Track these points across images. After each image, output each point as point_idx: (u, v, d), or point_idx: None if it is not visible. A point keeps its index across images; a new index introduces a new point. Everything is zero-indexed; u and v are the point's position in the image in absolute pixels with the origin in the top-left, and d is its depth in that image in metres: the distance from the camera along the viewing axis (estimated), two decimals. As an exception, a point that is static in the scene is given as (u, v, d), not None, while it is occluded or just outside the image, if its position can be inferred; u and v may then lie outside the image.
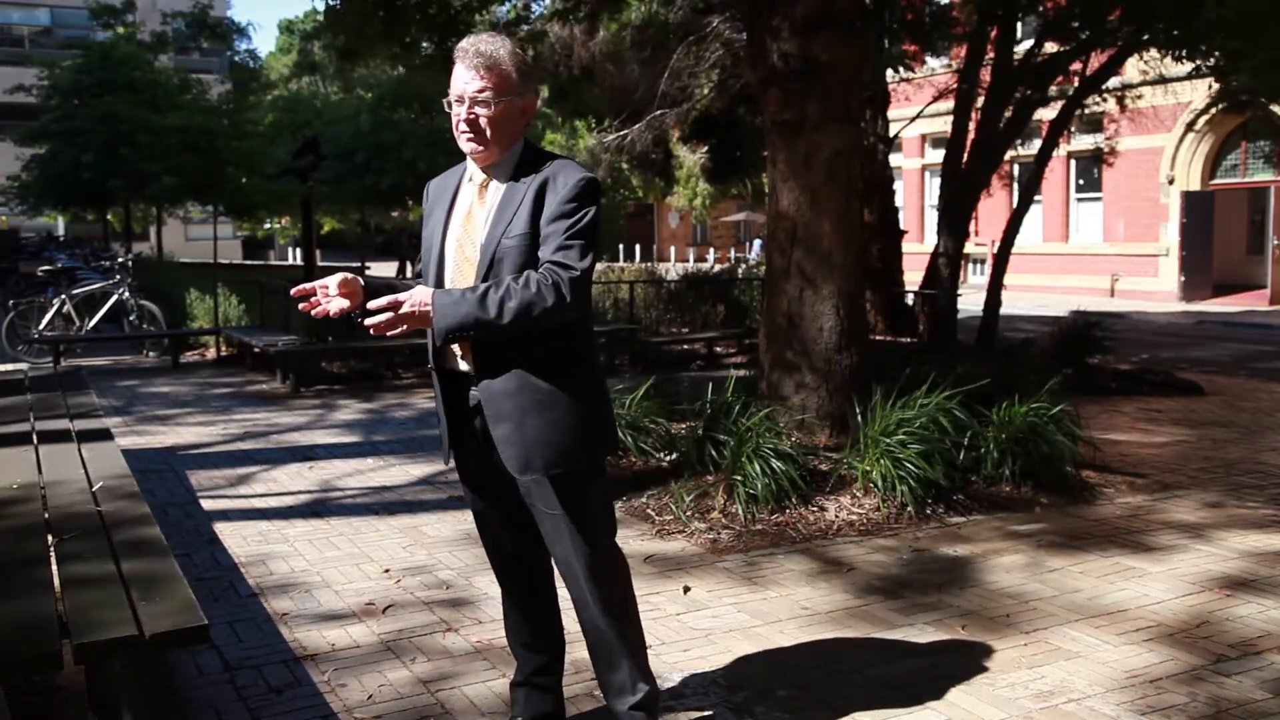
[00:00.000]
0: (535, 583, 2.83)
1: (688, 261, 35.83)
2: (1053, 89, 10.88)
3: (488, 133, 2.50)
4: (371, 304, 2.37)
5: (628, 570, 2.77)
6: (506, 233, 2.48)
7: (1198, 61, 9.76)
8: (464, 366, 2.57)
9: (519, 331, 2.40)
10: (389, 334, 2.38)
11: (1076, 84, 10.71)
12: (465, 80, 2.49)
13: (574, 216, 2.45)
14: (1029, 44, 10.89)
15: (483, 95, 2.47)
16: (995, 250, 12.08)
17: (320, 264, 25.66)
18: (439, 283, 2.58)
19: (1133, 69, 11.54)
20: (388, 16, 8.52)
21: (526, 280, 2.38)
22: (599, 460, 2.66)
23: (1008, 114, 10.52)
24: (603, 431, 2.65)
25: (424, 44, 9.49)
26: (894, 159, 16.12)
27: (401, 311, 2.36)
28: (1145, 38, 9.48)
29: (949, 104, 11.80)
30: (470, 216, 2.58)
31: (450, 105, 2.53)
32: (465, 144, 2.54)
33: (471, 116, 2.49)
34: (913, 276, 13.17)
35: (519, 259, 2.46)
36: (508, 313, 2.35)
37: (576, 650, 3.18)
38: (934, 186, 17.39)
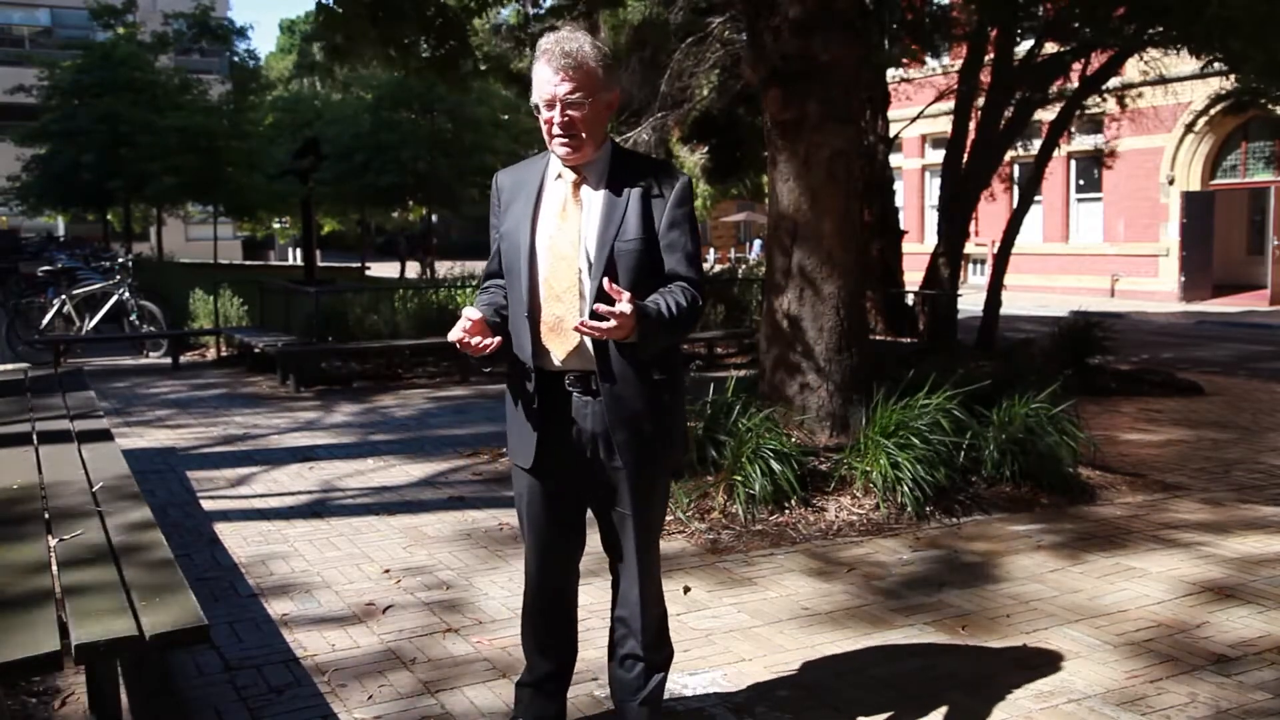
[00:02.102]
0: (566, 588, 2.82)
1: (688, 262, 35.76)
2: (1053, 89, 10.88)
3: (583, 134, 2.47)
4: (598, 308, 2.30)
5: (660, 570, 2.82)
6: (620, 235, 2.48)
7: (1202, 60, 9.76)
8: (557, 364, 2.54)
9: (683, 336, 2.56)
10: (600, 334, 2.32)
11: (1076, 84, 10.71)
12: (554, 83, 2.44)
13: (688, 224, 2.55)
14: (1029, 44, 10.90)
15: (574, 97, 2.43)
16: (995, 250, 12.08)
17: (320, 264, 25.72)
18: (531, 280, 2.53)
19: (1133, 69, 11.53)
20: (384, 17, 8.49)
21: (684, 296, 2.47)
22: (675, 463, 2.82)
23: (1008, 114, 10.52)
24: (685, 431, 2.80)
25: (422, 46, 9.46)
26: (894, 159, 16.12)
27: (624, 320, 2.29)
28: (1147, 37, 9.47)
29: (949, 104, 11.80)
30: (565, 214, 2.53)
31: (539, 109, 2.49)
32: (559, 147, 2.49)
33: (566, 119, 2.45)
34: (913, 276, 13.18)
35: (634, 262, 2.48)
36: (682, 326, 2.45)
37: (578, 650, 3.18)
38: (934, 186, 17.39)
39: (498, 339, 2.48)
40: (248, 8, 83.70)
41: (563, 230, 2.52)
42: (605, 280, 2.39)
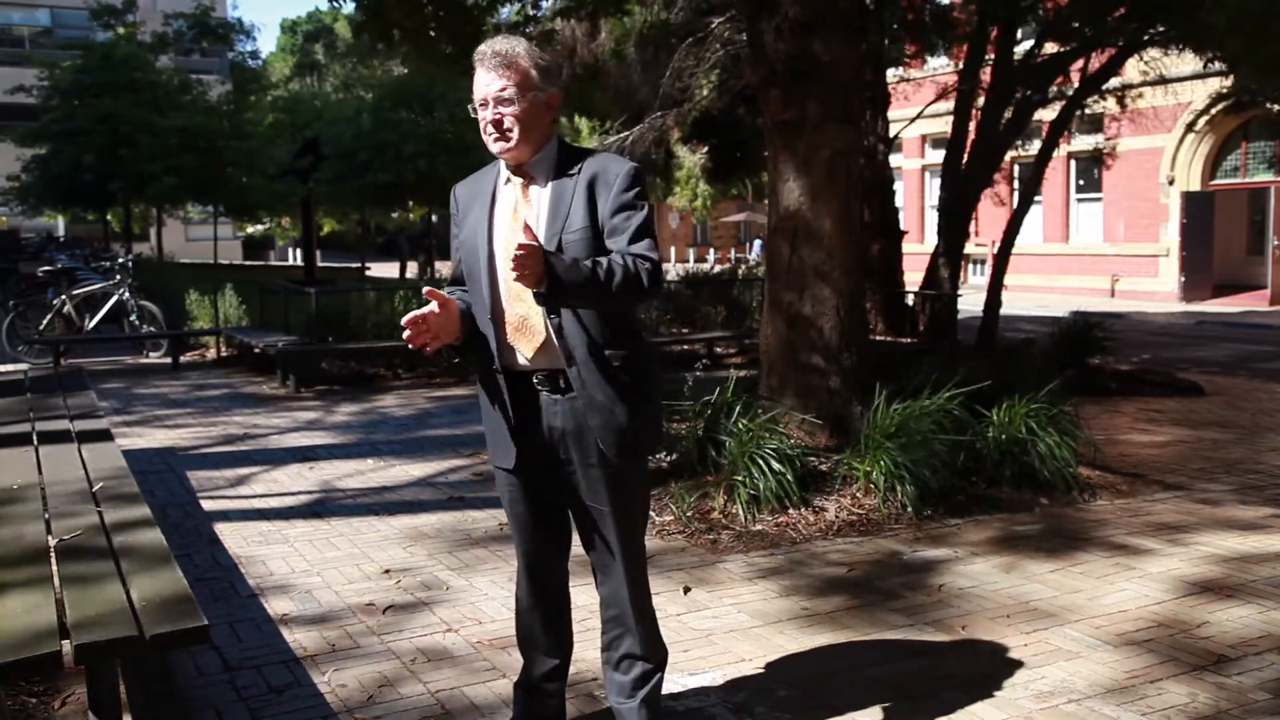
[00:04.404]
0: (556, 587, 2.83)
1: (688, 262, 35.84)
2: (1053, 89, 10.88)
3: (515, 130, 2.49)
4: (520, 242, 2.28)
5: (647, 569, 2.81)
6: (565, 229, 2.49)
7: (1202, 60, 9.76)
8: (524, 363, 2.56)
9: (615, 305, 2.46)
10: (429, 339, 2.43)
11: (1076, 84, 10.70)
12: (486, 83, 2.50)
13: (635, 206, 2.50)
14: (1029, 44, 10.89)
15: (505, 93, 2.47)
16: (995, 250, 12.07)
17: (320, 264, 25.69)
18: (492, 283, 2.57)
19: (1133, 69, 11.53)
20: (411, 19, 8.59)
21: (625, 261, 2.42)
22: (649, 456, 2.79)
23: (1008, 114, 10.52)
24: (661, 423, 2.77)
25: (444, 46, 9.50)
26: (894, 159, 16.12)
27: (531, 254, 2.26)
28: (1147, 37, 9.47)
29: (949, 104, 11.80)
30: (517, 216, 2.56)
31: (475, 111, 2.53)
32: (495, 145, 2.53)
33: (497, 116, 2.49)
34: (913, 276, 13.17)
35: (582, 252, 2.47)
36: (616, 285, 2.38)
37: (578, 650, 3.17)
38: (934, 186, 17.38)
39: (438, 338, 2.49)
40: (248, 8, 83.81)
41: (516, 231, 2.54)
42: (524, 222, 2.42)
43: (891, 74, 13.33)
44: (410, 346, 2.47)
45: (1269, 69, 8.78)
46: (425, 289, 2.54)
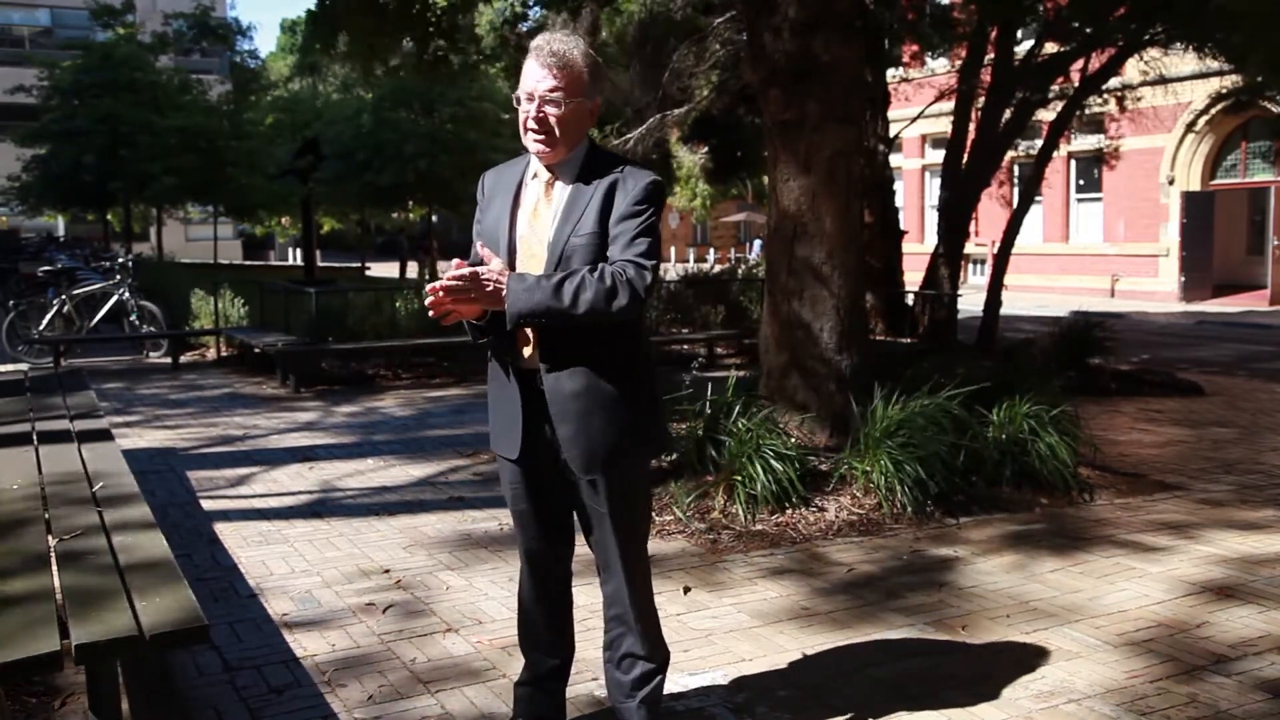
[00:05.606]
0: (559, 586, 2.83)
1: (688, 262, 35.84)
2: (1053, 89, 10.88)
3: (556, 132, 2.49)
4: (452, 272, 2.38)
5: (650, 571, 2.81)
6: (575, 231, 2.48)
7: (1202, 58, 9.75)
8: (534, 362, 2.56)
9: (588, 323, 2.42)
10: (451, 308, 2.41)
11: (1077, 84, 10.70)
12: (537, 78, 2.48)
13: (641, 217, 2.49)
14: (1029, 44, 10.89)
15: (554, 95, 2.47)
16: (995, 250, 12.08)
17: (320, 264, 25.70)
18: None
19: (1133, 69, 11.52)
20: (370, 17, 8.53)
21: (601, 273, 2.41)
22: (650, 460, 2.75)
23: (1008, 114, 10.52)
24: (659, 431, 2.74)
25: (411, 44, 9.45)
26: (894, 159, 16.10)
27: (480, 282, 2.37)
28: (1147, 37, 9.47)
29: (949, 104, 11.80)
30: (537, 213, 2.57)
31: (519, 101, 2.53)
32: (532, 142, 2.52)
33: (541, 115, 2.48)
34: (913, 276, 13.17)
35: (587, 256, 2.47)
36: (582, 303, 2.37)
37: (579, 650, 3.17)
38: (934, 186, 17.38)
39: (457, 310, 2.47)
40: (248, 8, 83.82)
41: (534, 229, 2.56)
42: (479, 244, 2.44)
43: (891, 74, 13.32)
44: (430, 314, 2.46)
45: (1273, 66, 8.76)
46: (478, 243, 2.54)
